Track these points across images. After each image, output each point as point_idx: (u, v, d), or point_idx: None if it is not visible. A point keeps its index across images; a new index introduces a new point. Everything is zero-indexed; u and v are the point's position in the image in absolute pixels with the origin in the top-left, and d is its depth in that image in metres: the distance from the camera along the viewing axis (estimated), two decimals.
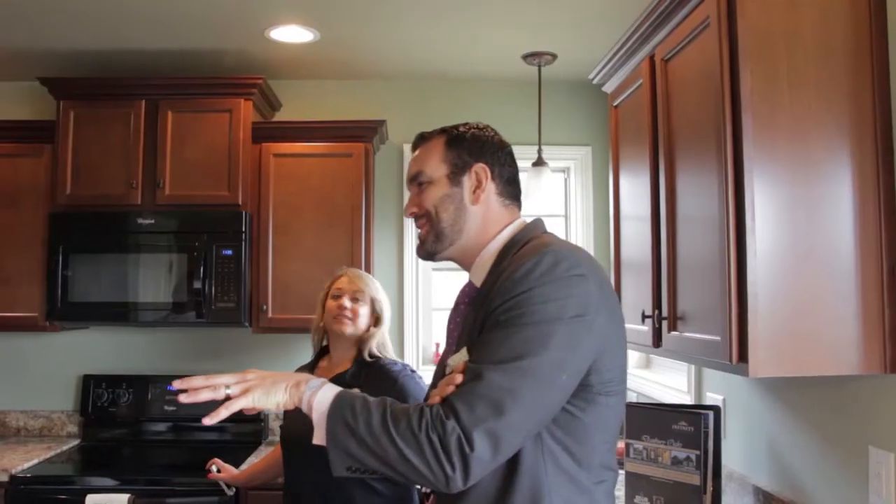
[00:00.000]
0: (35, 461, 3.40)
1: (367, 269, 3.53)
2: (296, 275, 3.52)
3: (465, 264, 1.63)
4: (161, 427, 3.84)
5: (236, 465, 3.19)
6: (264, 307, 3.53)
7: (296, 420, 2.59)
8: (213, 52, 3.58)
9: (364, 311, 2.59)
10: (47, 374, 3.93)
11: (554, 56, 3.62)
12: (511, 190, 1.63)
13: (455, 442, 1.29)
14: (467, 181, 1.59)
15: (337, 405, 1.41)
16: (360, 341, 2.58)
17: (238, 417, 3.70)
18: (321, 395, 1.43)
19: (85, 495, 3.08)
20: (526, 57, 3.63)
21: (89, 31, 3.36)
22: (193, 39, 3.45)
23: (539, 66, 3.69)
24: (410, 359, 3.90)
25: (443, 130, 1.66)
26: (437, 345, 3.90)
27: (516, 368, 1.31)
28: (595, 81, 2.92)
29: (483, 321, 1.42)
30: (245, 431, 3.78)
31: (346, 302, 2.60)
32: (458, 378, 1.36)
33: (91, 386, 3.86)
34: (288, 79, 3.96)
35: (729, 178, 1.75)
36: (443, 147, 1.63)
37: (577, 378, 1.38)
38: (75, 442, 3.82)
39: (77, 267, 3.50)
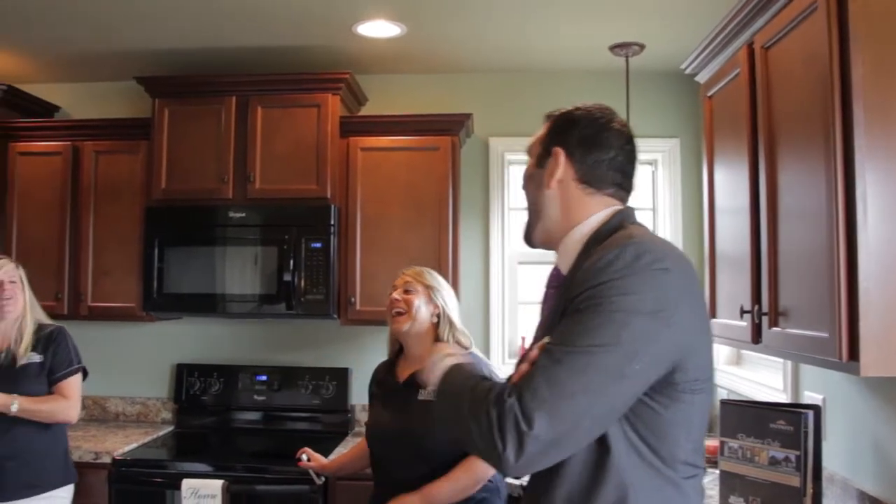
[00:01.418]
0: (134, 445, 3.53)
1: (454, 263, 3.54)
2: (383, 267, 3.55)
3: (550, 247, 1.61)
4: (250, 416, 3.93)
5: (324, 455, 3.23)
6: (352, 299, 3.57)
7: (381, 418, 2.62)
8: (301, 48, 3.63)
9: (419, 302, 2.56)
10: (143, 362, 4.06)
11: (642, 46, 3.55)
12: (599, 178, 1.55)
13: (512, 419, 1.27)
14: (549, 164, 1.56)
15: (459, 365, 1.47)
16: (438, 337, 2.56)
17: (325, 408, 3.80)
18: None
19: (181, 479, 3.18)
20: (613, 48, 3.57)
21: (182, 31, 3.45)
22: (282, 36, 3.50)
23: (626, 57, 3.62)
24: (496, 352, 3.89)
25: (560, 110, 1.63)
26: (523, 338, 3.87)
27: (585, 355, 1.29)
28: (688, 72, 2.86)
29: (564, 308, 1.40)
30: (332, 422, 3.84)
31: (397, 294, 2.59)
32: (535, 354, 1.35)
33: (184, 375, 3.98)
34: (374, 73, 3.98)
35: (838, 170, 1.68)
36: (546, 127, 1.61)
37: (651, 373, 1.34)
38: (169, 428, 3.94)
39: (171, 259, 3.61)
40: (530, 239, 1.63)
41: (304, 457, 2.88)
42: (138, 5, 3.16)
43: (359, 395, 3.89)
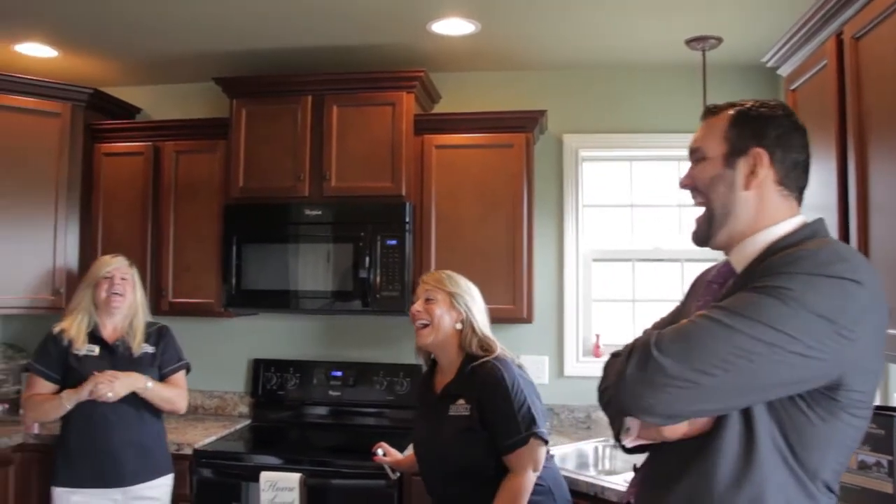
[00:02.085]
0: (213, 438, 3.61)
1: (528, 261, 3.54)
2: (458, 264, 3.49)
3: (729, 248, 1.56)
4: (325, 411, 3.98)
5: (399, 451, 3.26)
6: None
7: (420, 431, 2.61)
8: (375, 46, 3.66)
9: (440, 311, 2.51)
10: (221, 357, 4.15)
11: (719, 39, 3.48)
12: (794, 180, 1.50)
13: (643, 343, 1.33)
14: (742, 164, 1.49)
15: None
16: (462, 345, 2.51)
17: (399, 404, 3.82)
18: None
19: (259, 472, 3.24)
20: (690, 42, 3.51)
21: (259, 32, 3.51)
22: (357, 35, 3.53)
23: (703, 51, 3.55)
24: (570, 351, 3.86)
25: (731, 105, 1.55)
26: (598, 336, 3.83)
27: (741, 320, 1.28)
28: (770, 64, 2.79)
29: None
30: (405, 418, 3.85)
31: (418, 306, 2.55)
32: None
33: (261, 370, 4.06)
34: (447, 71, 3.99)
35: None
36: (727, 124, 1.53)
37: (802, 375, 1.31)
38: (246, 422, 4.02)
39: (249, 256, 3.68)
40: (709, 240, 1.56)
41: (380, 451, 2.90)
42: (216, 9, 3.23)
43: None
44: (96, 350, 3.07)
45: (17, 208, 3.80)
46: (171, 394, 3.16)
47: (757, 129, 1.50)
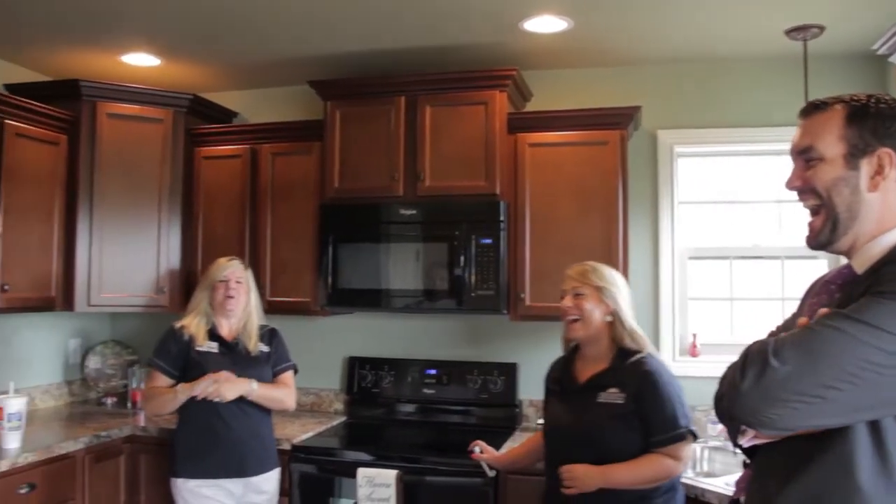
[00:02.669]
0: (310, 434, 3.68)
1: (624, 259, 3.48)
2: (553, 263, 3.53)
3: (851, 252, 1.48)
4: (418, 408, 4.01)
5: (495, 449, 3.26)
6: (522, 295, 3.57)
7: (561, 417, 2.61)
8: (466, 46, 3.67)
9: (590, 306, 2.53)
10: (317, 355, 4.23)
11: (821, 28, 3.36)
12: None
13: (758, 351, 1.28)
14: (866, 165, 1.42)
15: None
16: (613, 337, 2.54)
17: (493, 402, 3.82)
18: None
19: (355, 468, 3.28)
20: (790, 32, 3.40)
21: (351, 35, 3.56)
22: (449, 35, 3.55)
23: (805, 41, 3.44)
24: (666, 350, 3.80)
25: (840, 100, 1.47)
26: (694, 335, 3.76)
27: (862, 331, 1.23)
28: (880, 52, 2.70)
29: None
30: (500, 416, 3.86)
31: (568, 302, 2.57)
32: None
33: (356, 367, 4.12)
34: (538, 68, 3.97)
35: None
36: (842, 121, 1.45)
37: None
38: (342, 418, 4.08)
39: (344, 256, 3.73)
40: (830, 245, 1.49)
41: (477, 449, 2.92)
42: (311, 14, 3.30)
43: (526, 391, 3.91)
44: (216, 347, 3.18)
45: (125, 211, 3.97)
46: (280, 394, 3.26)
47: (878, 127, 1.42)
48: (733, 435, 1.47)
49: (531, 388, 3.90)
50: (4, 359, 3.91)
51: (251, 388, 3.13)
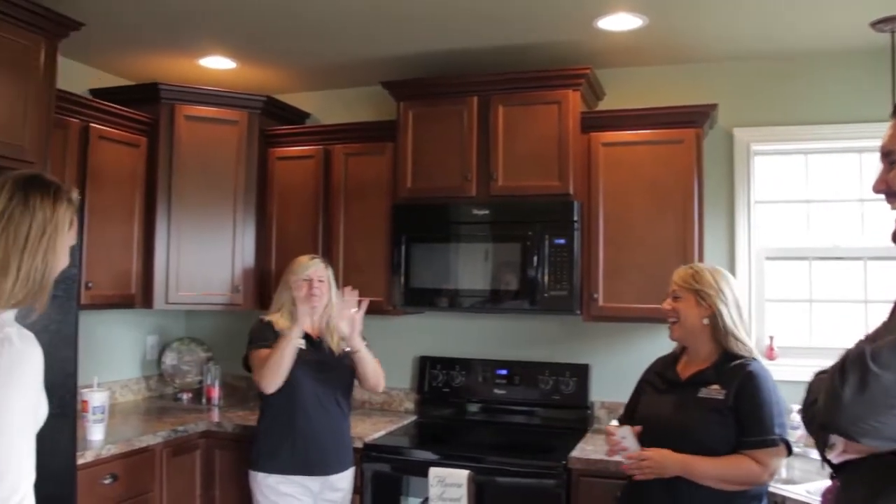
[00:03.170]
0: (382, 432, 3.71)
1: (700, 259, 3.42)
2: (626, 263, 3.51)
3: None
4: (489, 409, 4.01)
5: (565, 451, 3.25)
6: (595, 296, 3.54)
7: (659, 410, 2.58)
8: (539, 45, 3.65)
9: (686, 309, 2.55)
10: (388, 354, 4.20)
11: None
12: None
13: (857, 358, 1.22)
14: None
15: None
16: (714, 339, 2.52)
17: (564, 404, 3.80)
18: None
19: (427, 467, 3.29)
20: (875, 24, 3.29)
21: (423, 35, 3.58)
22: (522, 35, 3.54)
23: (893, 33, 3.32)
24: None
25: None
26: (771, 338, 3.68)
27: None
28: None
29: None
30: (571, 418, 3.84)
31: (666, 304, 2.60)
32: None
33: (427, 367, 4.13)
34: (611, 67, 3.94)
35: None
36: None
37: None
38: (412, 418, 4.11)
39: (417, 256, 3.76)
40: None
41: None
42: (384, 15, 3.32)
43: (598, 392, 3.88)
44: (303, 344, 3.19)
45: (202, 211, 4.06)
46: (377, 366, 3.30)
47: None
48: (822, 447, 1.43)
49: (603, 390, 3.87)
50: (87, 354, 4.01)
51: (359, 348, 3.19)
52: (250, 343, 3.23)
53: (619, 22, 3.34)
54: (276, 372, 3.07)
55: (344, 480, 3.26)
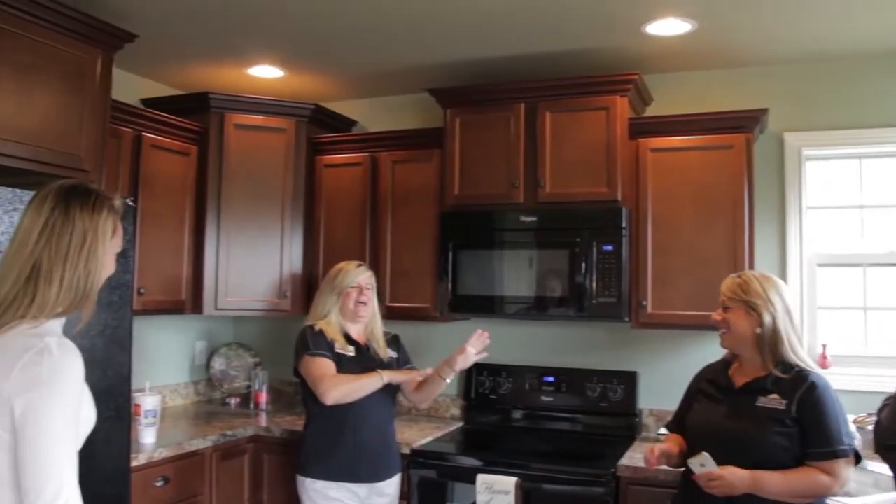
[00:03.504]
0: (429, 438, 3.72)
1: (750, 266, 3.37)
2: (675, 270, 3.48)
3: None
4: (536, 416, 4.00)
5: (613, 459, 3.23)
6: (643, 303, 3.52)
7: (713, 417, 2.55)
8: (586, 51, 3.64)
9: (735, 319, 2.51)
10: (434, 360, 4.19)
11: None
12: None
13: None
14: None
15: None
16: (766, 348, 2.47)
17: (612, 411, 3.77)
18: None
19: (474, 473, 3.29)
20: None
21: (469, 42, 3.58)
22: (569, 41, 3.53)
23: None
24: None
25: None
26: (824, 346, 3.61)
27: None
28: None
29: None
30: (618, 426, 3.81)
31: (716, 315, 2.58)
32: None
33: (474, 373, 4.13)
34: (658, 72, 3.91)
35: None
36: None
37: None
38: (459, 424, 4.11)
39: (464, 262, 3.77)
40: None
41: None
42: (429, 23, 3.34)
43: (646, 400, 3.85)
44: (352, 351, 3.23)
45: (250, 218, 4.11)
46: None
47: None
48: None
49: (651, 398, 3.83)
50: (139, 358, 4.08)
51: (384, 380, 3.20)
52: (306, 349, 3.22)
53: (667, 27, 3.32)
54: (349, 397, 3.13)
55: (391, 486, 3.27)
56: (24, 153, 2.85)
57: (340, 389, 3.10)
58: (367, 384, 3.13)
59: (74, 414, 1.73)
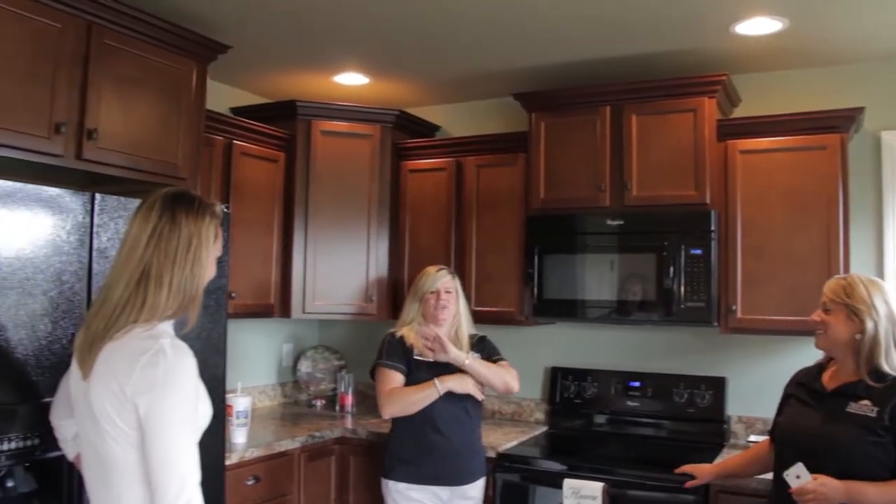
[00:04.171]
0: (514, 442, 3.72)
1: (845, 269, 3.28)
2: (765, 274, 3.40)
3: None
4: (622, 421, 3.96)
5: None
6: (733, 307, 3.45)
7: (803, 422, 2.50)
8: (672, 53, 3.60)
9: (834, 322, 2.44)
10: (519, 364, 4.18)
11: None
12: None
13: None
14: None
15: None
16: (865, 356, 2.39)
17: (700, 417, 3.71)
18: None
19: (560, 478, 3.28)
20: None
21: (554, 46, 3.59)
22: (655, 43, 3.50)
23: None
24: None
25: None
26: None
27: None
28: None
29: None
30: (706, 432, 3.74)
31: (815, 315, 2.51)
32: None
33: (559, 378, 4.12)
34: (746, 72, 3.83)
35: None
36: None
37: None
38: (543, 428, 4.10)
39: (549, 266, 3.76)
40: None
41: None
42: (516, 27, 3.35)
43: (735, 406, 3.77)
44: (431, 356, 3.26)
45: (337, 223, 4.19)
46: (497, 371, 3.31)
47: None
48: None
49: (740, 404, 3.76)
50: (229, 361, 4.20)
51: (463, 362, 3.21)
52: (378, 358, 3.31)
53: (757, 26, 3.25)
54: (406, 410, 3.21)
55: (475, 489, 3.28)
56: (126, 162, 2.97)
57: (394, 405, 3.21)
58: (422, 397, 3.18)
59: (192, 411, 1.83)
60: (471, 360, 3.23)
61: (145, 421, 1.75)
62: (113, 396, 1.78)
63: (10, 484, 2.29)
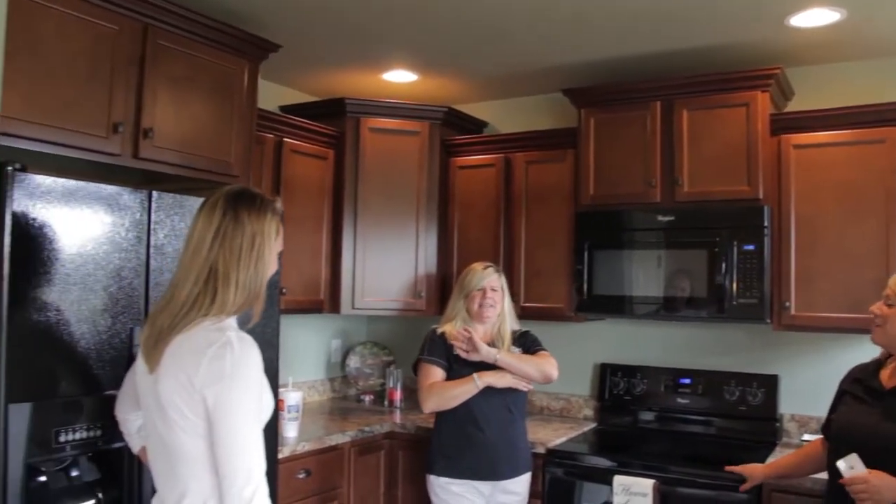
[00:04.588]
0: (563, 439, 3.72)
1: None
2: (821, 271, 3.35)
3: None
4: (672, 418, 3.93)
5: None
6: (787, 304, 3.40)
7: (859, 420, 2.46)
8: (724, 46, 3.56)
9: (893, 315, 2.38)
10: (568, 360, 4.20)
11: None
12: None
13: None
14: None
15: None
16: None
17: (751, 415, 3.67)
18: None
19: (610, 475, 3.28)
20: None
21: (603, 41, 3.57)
22: (706, 37, 3.46)
23: None
24: None
25: None
26: None
27: None
28: None
29: None
30: (758, 430, 3.70)
31: (875, 307, 2.45)
32: None
33: (607, 374, 4.11)
34: (799, 65, 3.77)
35: None
36: None
37: None
38: (591, 425, 4.09)
39: (599, 262, 3.74)
40: None
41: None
42: (567, 22, 3.33)
43: (788, 405, 3.72)
44: (464, 356, 3.25)
45: (386, 220, 4.22)
46: (534, 360, 3.27)
47: None
48: None
49: (793, 402, 3.71)
50: (281, 356, 4.26)
51: (495, 358, 3.18)
52: (420, 354, 3.35)
53: (813, 17, 3.19)
54: (446, 404, 3.24)
55: (518, 485, 3.28)
56: (181, 160, 3.03)
57: (434, 399, 3.23)
58: (461, 392, 3.19)
59: (257, 402, 1.87)
60: (502, 355, 3.21)
61: (213, 412, 1.80)
62: (181, 388, 1.83)
63: (74, 473, 2.36)
